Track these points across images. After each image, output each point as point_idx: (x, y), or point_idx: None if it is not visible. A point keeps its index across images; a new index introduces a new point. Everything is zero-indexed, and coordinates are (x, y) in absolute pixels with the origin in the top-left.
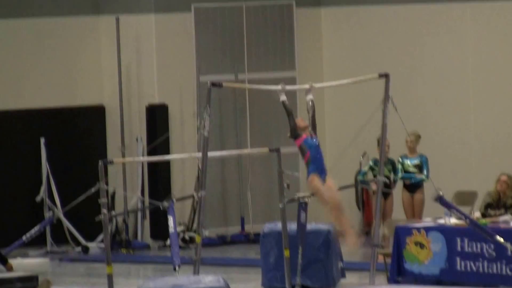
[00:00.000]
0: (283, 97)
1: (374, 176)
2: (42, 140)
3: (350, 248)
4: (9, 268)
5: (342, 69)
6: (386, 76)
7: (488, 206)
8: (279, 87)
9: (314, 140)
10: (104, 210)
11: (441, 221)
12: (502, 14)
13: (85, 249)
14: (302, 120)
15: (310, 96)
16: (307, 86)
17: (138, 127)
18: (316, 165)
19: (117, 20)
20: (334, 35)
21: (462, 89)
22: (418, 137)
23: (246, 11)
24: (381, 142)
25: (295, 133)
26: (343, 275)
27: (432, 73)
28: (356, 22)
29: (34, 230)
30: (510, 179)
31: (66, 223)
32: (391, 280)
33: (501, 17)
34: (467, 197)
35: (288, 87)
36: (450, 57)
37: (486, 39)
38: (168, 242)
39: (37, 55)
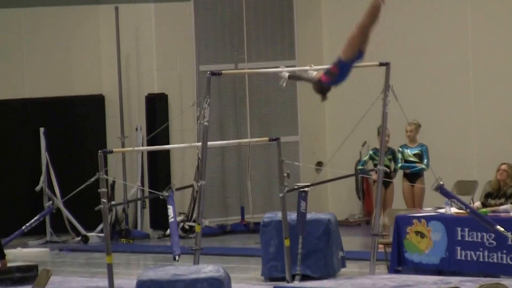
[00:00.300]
0: (286, 74)
1: (375, 165)
2: (42, 130)
3: None
4: (3, 265)
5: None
6: (386, 64)
7: (488, 195)
8: (279, 69)
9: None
10: (104, 200)
11: (442, 210)
12: (503, 3)
13: (85, 239)
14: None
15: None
16: (307, 67)
17: (138, 117)
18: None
19: (116, 9)
20: (334, 23)
21: (462, 78)
22: (418, 126)
23: (246, 0)
24: (382, 132)
25: (321, 88)
26: (344, 265)
27: (433, 62)
28: (357, 9)
29: (33, 220)
30: (510, 168)
31: (66, 213)
32: (391, 270)
33: (501, 5)
34: (467, 187)
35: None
36: (451, 46)
37: (486, 28)
38: (168, 231)
39: (36, 44)
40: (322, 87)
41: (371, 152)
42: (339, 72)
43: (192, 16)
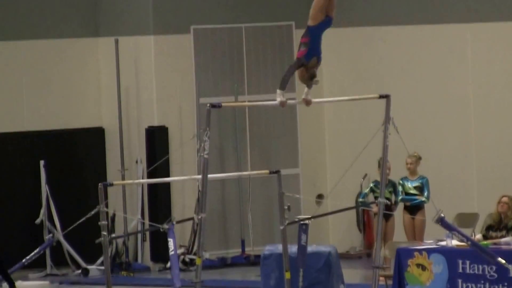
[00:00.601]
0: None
1: (375, 198)
2: (42, 163)
3: None
4: None
5: (342, 90)
6: (386, 97)
7: (489, 227)
8: (277, 101)
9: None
10: (104, 233)
11: (443, 243)
12: (503, 35)
13: (85, 272)
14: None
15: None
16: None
17: (138, 149)
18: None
19: (116, 41)
20: (334, 56)
21: (462, 110)
22: (418, 159)
23: (246, 32)
24: (382, 164)
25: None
26: None
27: (433, 93)
28: (356, 42)
29: (34, 253)
30: (511, 200)
31: (66, 246)
32: None
33: (501, 37)
34: (468, 219)
35: (290, 101)
36: (451, 78)
37: (486, 60)
38: (168, 264)
39: (35, 77)
40: (301, 63)
41: (372, 184)
42: (310, 39)
43: (192, 48)
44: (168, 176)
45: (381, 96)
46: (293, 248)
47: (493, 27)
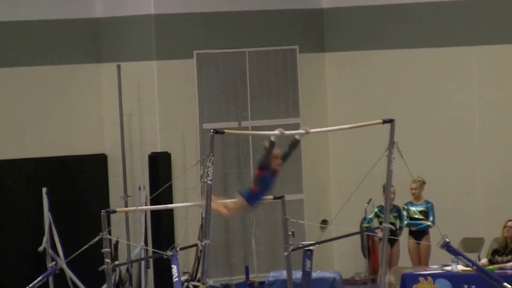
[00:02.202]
0: (274, 138)
1: (380, 223)
2: (44, 190)
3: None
4: None
5: (346, 114)
6: (390, 121)
7: (495, 252)
8: (277, 132)
9: (272, 181)
10: (107, 260)
11: (448, 268)
12: (508, 57)
13: None
14: (278, 150)
15: (298, 137)
16: (302, 130)
17: (141, 176)
18: (252, 197)
19: (118, 67)
20: (339, 80)
21: (468, 134)
22: (422, 184)
23: (249, 57)
24: (387, 189)
25: (264, 164)
26: None
27: (438, 117)
28: (361, 66)
29: (37, 281)
30: None
31: (69, 273)
32: None
33: (506, 59)
34: (474, 244)
35: (287, 132)
36: (456, 101)
37: (492, 83)
38: None
39: (38, 103)
40: (263, 165)
41: (376, 209)
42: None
43: (195, 73)
44: (171, 202)
45: (384, 121)
46: (297, 274)
47: (498, 50)
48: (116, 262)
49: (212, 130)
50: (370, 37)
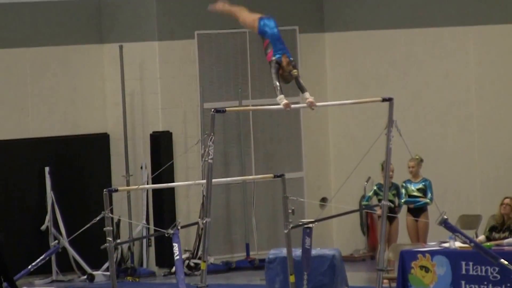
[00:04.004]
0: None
1: (379, 200)
2: (47, 169)
3: None
4: None
5: (346, 94)
6: (389, 100)
7: (492, 229)
8: (281, 106)
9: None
10: (109, 239)
11: (446, 244)
12: (505, 37)
13: (91, 278)
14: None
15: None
16: (307, 104)
17: (143, 155)
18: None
19: (121, 48)
20: (338, 60)
21: (465, 112)
22: (420, 161)
23: (249, 37)
24: (385, 167)
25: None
26: None
27: (436, 96)
28: (360, 46)
29: (39, 259)
30: None
31: (72, 252)
32: None
33: (504, 39)
34: (471, 221)
35: (293, 106)
36: (454, 80)
37: (489, 62)
38: (173, 269)
39: (40, 83)
40: (275, 63)
41: (375, 187)
42: (269, 40)
43: (196, 53)
44: (172, 181)
45: (384, 100)
46: (297, 252)
47: (494, 30)
48: (118, 241)
49: (213, 110)
50: (369, 17)
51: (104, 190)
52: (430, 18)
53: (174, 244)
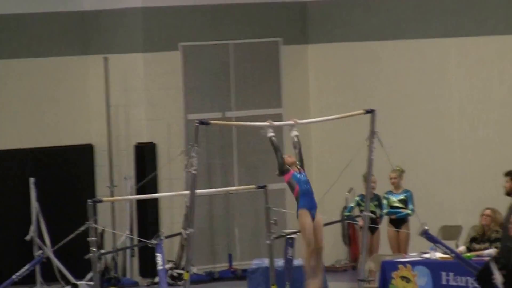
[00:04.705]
0: (270, 133)
1: (361, 211)
2: (32, 180)
3: None
4: None
5: (328, 105)
6: (371, 112)
7: (473, 240)
8: (266, 123)
9: (303, 174)
10: (93, 249)
11: (427, 255)
12: (487, 48)
13: (75, 287)
14: (289, 156)
15: (295, 132)
16: (291, 122)
17: (127, 166)
18: (306, 199)
19: (105, 59)
20: (321, 71)
21: (447, 124)
22: (401, 173)
23: (233, 49)
24: (367, 178)
25: (282, 169)
26: None
27: (418, 108)
28: (343, 58)
29: (24, 269)
30: (494, 213)
31: (56, 262)
32: None
33: (485, 51)
34: (452, 231)
35: (275, 123)
36: (436, 93)
37: (471, 74)
38: (156, 279)
39: (26, 95)
40: (283, 170)
41: (357, 198)
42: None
43: (180, 65)
44: (156, 192)
45: (366, 112)
46: (279, 262)
47: (476, 41)
48: (102, 251)
49: (196, 121)
50: (352, 29)
51: (89, 200)
52: (413, 31)
53: (157, 254)
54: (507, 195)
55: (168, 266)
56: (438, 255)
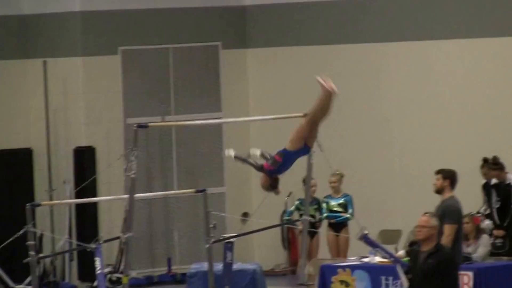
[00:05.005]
0: (231, 152)
1: (300, 215)
2: None
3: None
4: None
5: (268, 109)
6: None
7: (412, 244)
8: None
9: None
10: (32, 253)
11: (366, 259)
12: (424, 51)
13: None
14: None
15: (257, 152)
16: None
17: (66, 170)
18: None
19: (45, 63)
20: (260, 75)
21: (386, 128)
22: (341, 177)
23: (173, 53)
24: (307, 182)
25: (267, 170)
26: None
27: (357, 112)
28: (282, 62)
29: None
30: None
31: None
32: None
33: (422, 54)
34: (391, 236)
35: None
36: (375, 97)
37: (409, 78)
38: (95, 283)
39: None
40: (268, 175)
41: (297, 202)
42: (283, 161)
43: (120, 69)
44: (95, 196)
45: (305, 114)
46: (218, 266)
47: (413, 45)
48: (41, 255)
49: (135, 125)
50: (291, 34)
51: (27, 204)
52: (350, 35)
53: (96, 258)
54: (436, 193)
55: (107, 270)
56: (378, 259)
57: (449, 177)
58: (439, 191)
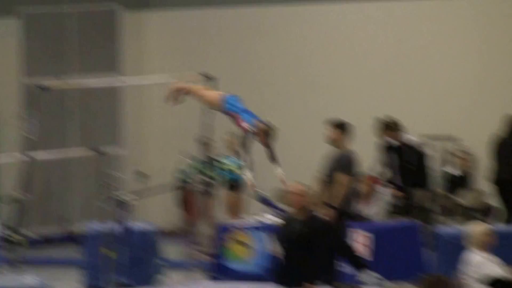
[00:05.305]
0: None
1: (196, 175)
2: None
3: None
4: None
5: (166, 71)
6: (210, 78)
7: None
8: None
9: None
10: None
11: (263, 219)
12: (345, 15)
13: None
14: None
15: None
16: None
17: None
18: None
19: None
20: (159, 38)
21: (286, 86)
22: (236, 137)
23: (72, 15)
24: (203, 142)
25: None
26: (163, 274)
27: (260, 75)
28: (181, 25)
29: None
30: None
31: None
32: (212, 278)
33: (343, 18)
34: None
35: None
36: (275, 60)
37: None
38: None
39: None
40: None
41: (193, 163)
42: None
43: (18, 30)
44: None
45: (204, 76)
46: (114, 226)
47: (334, 9)
48: None
49: (34, 85)
50: None
51: None
52: None
53: None
54: (332, 145)
55: (3, 230)
56: (274, 218)
57: (339, 126)
58: (333, 142)
